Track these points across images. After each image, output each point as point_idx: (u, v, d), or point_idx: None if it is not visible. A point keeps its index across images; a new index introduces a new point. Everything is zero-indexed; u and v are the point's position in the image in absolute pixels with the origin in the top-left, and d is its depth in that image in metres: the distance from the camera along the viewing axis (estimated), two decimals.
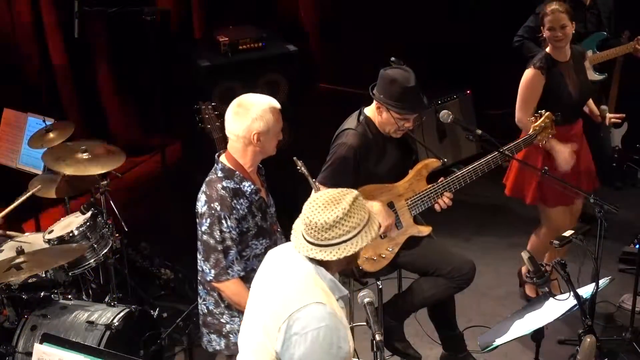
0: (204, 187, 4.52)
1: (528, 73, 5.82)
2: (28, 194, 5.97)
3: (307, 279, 3.52)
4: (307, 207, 3.50)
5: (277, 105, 4.51)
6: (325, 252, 3.46)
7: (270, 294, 3.62)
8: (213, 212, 4.38)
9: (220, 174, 4.47)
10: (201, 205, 4.47)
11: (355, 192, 3.54)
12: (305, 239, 3.50)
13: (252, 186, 4.46)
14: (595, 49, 6.74)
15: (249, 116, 4.34)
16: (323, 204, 3.46)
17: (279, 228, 4.73)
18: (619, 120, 6.44)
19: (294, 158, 4.75)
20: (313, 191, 4.53)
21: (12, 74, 7.28)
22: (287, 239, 4.07)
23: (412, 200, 5.21)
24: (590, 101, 6.20)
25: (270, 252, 3.82)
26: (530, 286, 6.32)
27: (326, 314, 3.43)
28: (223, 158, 4.50)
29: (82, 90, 7.60)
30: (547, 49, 5.85)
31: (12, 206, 5.94)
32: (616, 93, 7.27)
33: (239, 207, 4.42)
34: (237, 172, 4.45)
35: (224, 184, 4.41)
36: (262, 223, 4.55)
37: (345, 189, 3.58)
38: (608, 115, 6.33)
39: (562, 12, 5.74)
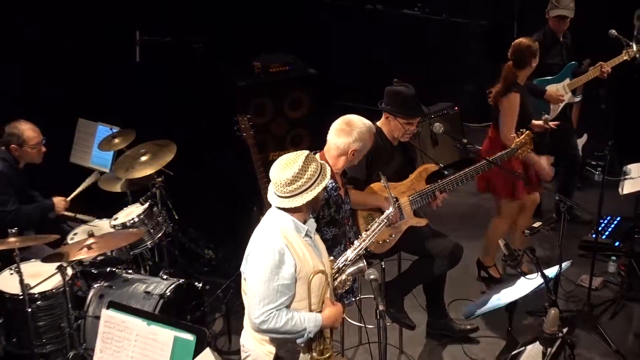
0: None
1: (514, 96, 5.79)
2: (92, 178, 6.16)
3: (270, 225, 3.73)
4: (272, 170, 3.68)
5: (374, 129, 4.55)
6: (292, 202, 3.64)
7: (249, 244, 3.81)
8: None
9: None
10: None
11: (306, 152, 3.72)
12: (276, 195, 3.68)
13: (334, 184, 4.46)
14: (571, 76, 6.69)
15: (351, 135, 4.38)
16: (283, 166, 3.65)
17: (350, 222, 4.74)
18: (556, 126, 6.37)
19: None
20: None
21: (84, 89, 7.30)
22: (356, 234, 4.42)
23: (413, 197, 5.22)
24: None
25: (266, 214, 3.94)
26: (494, 269, 6.36)
27: (276, 242, 3.63)
28: (317, 156, 4.47)
29: (141, 101, 7.62)
30: (512, 77, 5.84)
31: (79, 189, 6.09)
32: (579, 109, 7.24)
33: None
34: None
35: None
36: (335, 215, 4.56)
37: (299, 151, 3.73)
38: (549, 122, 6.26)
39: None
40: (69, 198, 5.95)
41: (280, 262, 3.59)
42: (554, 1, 6.60)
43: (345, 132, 4.41)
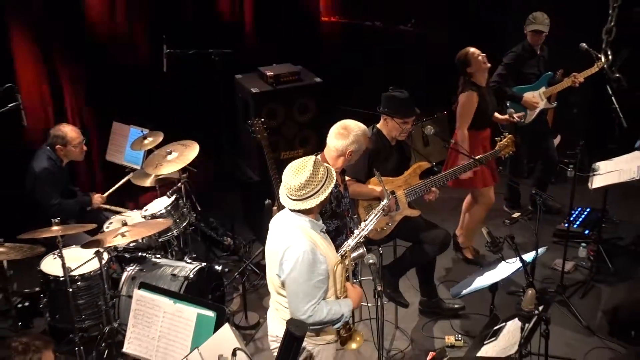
0: None
1: (469, 94, 5.92)
2: (125, 180, 6.19)
3: (291, 224, 3.69)
4: (284, 175, 3.66)
5: (368, 132, 4.53)
6: (304, 204, 3.62)
7: (272, 245, 3.78)
8: None
9: None
10: None
11: (313, 157, 3.72)
12: (289, 198, 3.65)
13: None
14: (546, 85, 6.71)
15: (348, 138, 4.36)
16: (294, 172, 3.63)
17: (350, 213, 4.74)
18: (520, 119, 6.46)
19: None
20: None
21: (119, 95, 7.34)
22: (356, 223, 4.41)
23: (408, 191, 5.24)
24: (496, 113, 6.32)
25: (275, 217, 3.92)
26: (467, 250, 6.45)
27: (306, 243, 3.59)
28: (319, 158, 4.48)
29: (168, 107, 7.65)
30: (472, 78, 5.96)
31: (114, 187, 6.15)
32: (553, 113, 7.25)
33: None
34: None
35: None
36: (336, 209, 4.54)
37: (307, 156, 3.74)
38: (514, 114, 6.39)
39: (482, 55, 5.92)
40: (105, 194, 6.01)
41: (314, 260, 3.59)
42: (531, 18, 6.61)
43: (343, 136, 4.39)
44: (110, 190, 6.11)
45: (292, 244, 3.62)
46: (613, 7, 6.64)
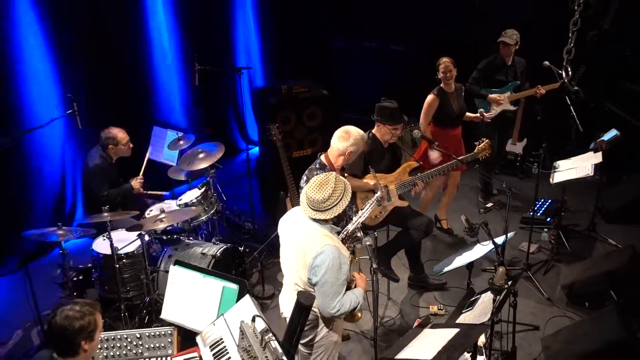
0: (306, 171, 4.51)
1: (429, 97, 6.01)
2: (146, 159, 6.07)
3: (316, 231, 3.57)
4: (307, 189, 3.56)
5: (366, 136, 4.52)
6: (324, 215, 3.53)
7: (297, 245, 3.64)
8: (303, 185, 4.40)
9: (317, 165, 4.47)
10: (304, 181, 4.46)
11: (333, 173, 3.63)
12: (310, 208, 3.55)
13: None
14: (512, 91, 6.66)
15: (349, 141, 4.35)
16: (317, 186, 3.53)
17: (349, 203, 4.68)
18: (489, 120, 6.41)
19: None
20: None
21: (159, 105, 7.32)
22: (355, 212, 4.39)
23: (399, 185, 5.22)
24: (468, 113, 6.25)
25: (286, 215, 3.82)
26: (444, 221, 6.58)
27: (334, 249, 3.48)
28: (322, 157, 4.49)
29: (199, 114, 7.64)
30: (441, 84, 5.98)
31: (143, 166, 6.08)
32: (521, 119, 7.20)
33: None
34: (327, 167, 4.46)
35: (318, 172, 4.36)
36: None
37: (328, 172, 3.66)
38: (484, 114, 6.32)
39: (449, 63, 5.91)
40: (140, 176, 5.96)
41: (340, 263, 3.52)
42: (502, 32, 6.61)
43: (344, 139, 4.39)
44: (142, 171, 6.03)
45: (323, 251, 3.50)
46: (572, 31, 6.76)
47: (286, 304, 3.90)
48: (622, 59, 7.39)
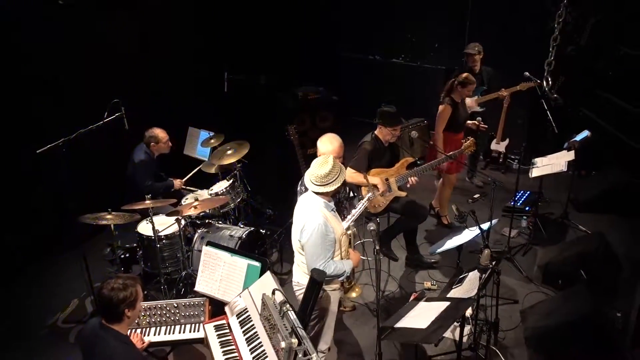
0: (301, 180, 4.44)
1: (442, 107, 5.81)
2: (196, 170, 6.11)
3: (314, 205, 3.67)
4: (312, 167, 3.67)
5: (342, 144, 4.31)
6: (326, 188, 3.62)
7: (298, 218, 3.75)
8: (301, 188, 4.35)
9: None
10: (300, 184, 4.42)
11: (332, 156, 3.71)
12: (314, 183, 3.64)
13: None
14: (479, 94, 6.62)
15: (333, 145, 4.24)
16: (319, 164, 3.65)
17: (352, 194, 4.68)
18: (484, 129, 6.31)
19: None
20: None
21: (193, 108, 7.31)
22: (359, 200, 4.40)
23: (398, 177, 5.19)
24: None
25: (298, 201, 3.89)
26: (444, 218, 6.32)
27: (322, 219, 3.59)
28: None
29: (227, 116, 7.62)
30: (452, 96, 5.79)
31: (190, 174, 6.06)
32: (504, 122, 7.13)
33: None
34: None
35: None
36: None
37: (326, 155, 3.76)
38: (480, 124, 6.21)
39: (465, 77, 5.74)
40: (183, 180, 5.98)
41: (325, 230, 3.58)
42: (466, 45, 6.64)
43: (330, 143, 4.26)
44: (188, 176, 6.06)
45: (310, 218, 3.61)
46: (553, 46, 6.64)
47: (295, 271, 3.99)
48: (596, 71, 7.31)
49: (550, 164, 5.70)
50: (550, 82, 6.65)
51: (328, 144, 4.24)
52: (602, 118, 7.15)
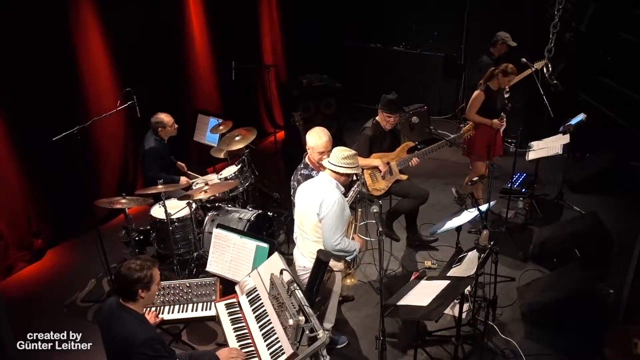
0: (294, 172, 4.26)
1: (476, 92, 5.61)
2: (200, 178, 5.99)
3: (328, 185, 3.70)
4: (337, 150, 3.72)
5: (330, 136, 4.15)
6: (345, 170, 3.67)
7: (308, 198, 3.75)
8: (294, 183, 4.21)
9: (302, 165, 4.23)
10: (293, 180, 4.23)
11: (354, 151, 3.76)
12: (334, 164, 3.69)
13: (316, 173, 4.13)
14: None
15: (322, 139, 4.07)
16: (343, 150, 3.71)
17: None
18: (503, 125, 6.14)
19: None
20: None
21: (202, 96, 7.27)
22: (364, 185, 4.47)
23: (399, 161, 5.17)
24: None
25: (301, 185, 3.89)
26: (481, 201, 5.98)
27: (340, 195, 3.66)
28: (306, 157, 4.21)
29: (236, 104, 7.59)
30: (489, 83, 5.59)
31: (193, 174, 5.96)
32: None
33: None
34: (310, 166, 4.20)
35: (303, 170, 4.19)
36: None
37: (349, 148, 3.81)
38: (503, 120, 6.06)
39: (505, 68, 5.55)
40: (191, 180, 5.88)
41: (343, 204, 3.65)
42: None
43: (319, 137, 4.08)
44: (192, 174, 5.93)
45: (330, 193, 3.65)
46: (553, 33, 6.62)
47: (298, 255, 3.98)
48: (595, 57, 7.23)
49: (546, 147, 5.66)
50: (550, 68, 6.57)
51: (317, 138, 4.09)
52: (602, 104, 7.09)
